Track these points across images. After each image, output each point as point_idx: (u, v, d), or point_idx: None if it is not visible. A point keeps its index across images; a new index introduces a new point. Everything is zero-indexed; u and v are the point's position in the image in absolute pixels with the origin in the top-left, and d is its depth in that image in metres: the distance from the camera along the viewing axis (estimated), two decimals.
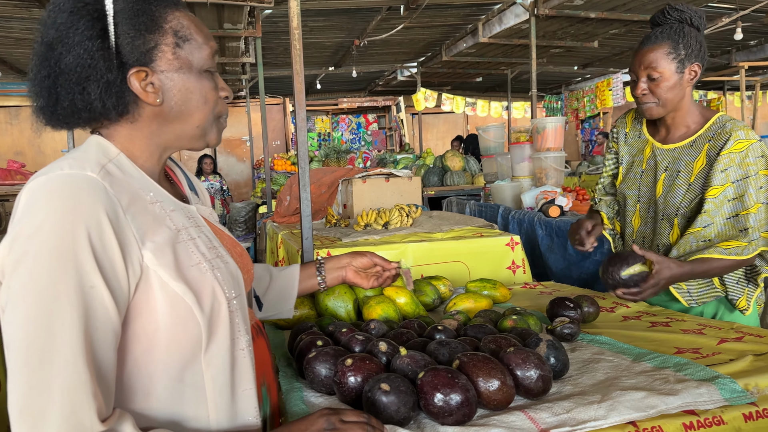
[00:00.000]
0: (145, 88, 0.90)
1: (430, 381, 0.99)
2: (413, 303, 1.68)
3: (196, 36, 0.94)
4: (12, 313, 0.76)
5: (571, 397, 1.08)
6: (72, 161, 0.84)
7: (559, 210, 3.33)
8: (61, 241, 0.76)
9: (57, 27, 0.87)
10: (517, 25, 6.50)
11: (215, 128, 1.00)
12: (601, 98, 8.72)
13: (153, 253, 0.85)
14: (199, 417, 0.89)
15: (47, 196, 0.79)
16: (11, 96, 10.79)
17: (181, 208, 0.96)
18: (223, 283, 0.92)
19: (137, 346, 0.85)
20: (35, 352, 0.74)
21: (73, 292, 0.76)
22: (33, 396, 0.72)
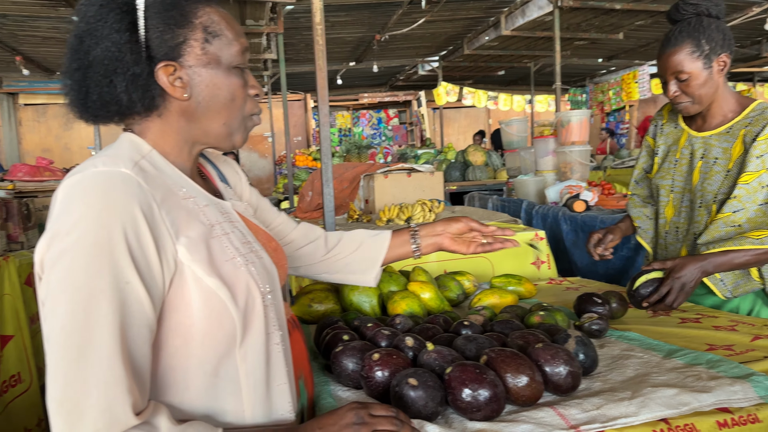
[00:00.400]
0: (173, 83, 0.90)
1: (458, 376, 0.99)
2: (438, 298, 1.67)
3: (227, 32, 0.93)
4: (50, 309, 0.77)
5: (600, 394, 1.07)
6: (106, 158, 0.84)
7: (584, 205, 3.28)
8: (96, 238, 0.77)
9: (87, 20, 0.88)
10: (541, 18, 6.41)
11: (243, 128, 0.98)
12: (627, 91, 8.57)
13: (187, 248, 0.85)
14: (235, 411, 0.89)
15: (83, 193, 0.80)
16: (38, 94, 11.00)
17: (215, 203, 0.96)
18: (258, 278, 0.92)
19: (173, 340, 0.86)
20: (72, 348, 0.75)
21: (108, 288, 0.77)
22: (70, 390, 0.74)
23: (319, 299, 1.70)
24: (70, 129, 11.46)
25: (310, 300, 1.69)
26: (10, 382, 2.65)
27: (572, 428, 0.95)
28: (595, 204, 3.42)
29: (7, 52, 7.45)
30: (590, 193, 3.37)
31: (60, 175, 3.93)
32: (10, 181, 3.71)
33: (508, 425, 0.96)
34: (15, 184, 3.64)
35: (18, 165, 3.82)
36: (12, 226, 3.10)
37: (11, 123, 11.16)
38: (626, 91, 8.62)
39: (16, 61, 7.74)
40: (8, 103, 11.06)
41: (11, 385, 2.65)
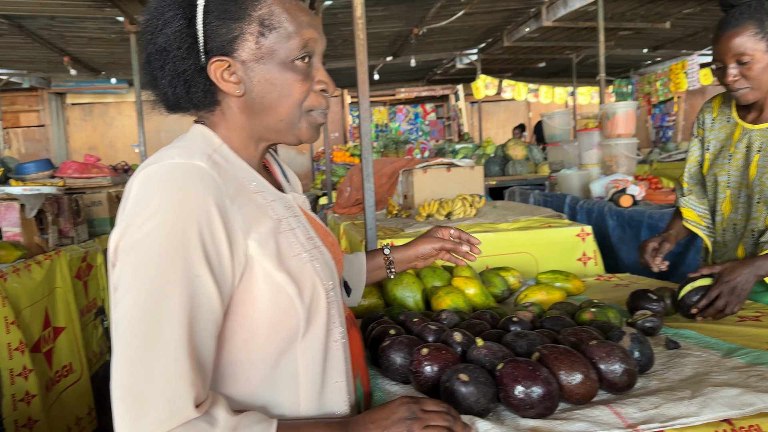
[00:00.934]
0: (228, 78, 0.89)
1: (510, 372, 0.96)
2: (483, 294, 1.65)
3: (287, 24, 0.89)
4: (121, 297, 0.78)
5: (658, 393, 1.04)
6: (181, 150, 0.84)
7: (631, 199, 3.19)
8: (171, 230, 0.78)
9: (150, 13, 0.89)
10: (584, 8, 6.27)
11: (305, 123, 0.94)
12: (675, 82, 8.29)
13: (258, 243, 0.85)
14: (291, 404, 0.89)
15: (160, 185, 0.80)
16: (85, 94, 11.35)
17: (280, 197, 0.96)
18: (321, 273, 0.92)
19: (239, 335, 0.86)
20: (140, 337, 0.75)
21: (179, 281, 0.77)
22: (135, 379, 0.74)
23: (363, 294, 1.69)
24: (115, 127, 11.79)
25: None
26: (62, 372, 2.73)
27: (630, 427, 0.92)
28: (642, 198, 3.32)
29: (56, 53, 7.70)
30: (637, 187, 3.27)
31: (106, 171, 4.03)
32: (61, 178, 3.83)
33: (562, 423, 0.94)
34: (65, 181, 3.76)
35: (67, 162, 3.94)
36: (63, 222, 3.20)
37: (59, 122, 11.55)
38: (674, 82, 8.34)
39: (64, 61, 7.99)
40: (57, 102, 11.44)
41: (63, 374, 2.74)
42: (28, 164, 3.98)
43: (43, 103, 11.15)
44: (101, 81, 10.24)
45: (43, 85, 10.43)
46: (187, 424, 0.74)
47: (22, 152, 11.20)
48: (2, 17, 6.00)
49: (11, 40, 6.99)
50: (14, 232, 2.72)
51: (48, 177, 3.90)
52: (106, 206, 3.74)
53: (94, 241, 3.40)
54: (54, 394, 2.61)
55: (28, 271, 2.51)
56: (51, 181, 3.72)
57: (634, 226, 3.07)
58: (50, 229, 3.01)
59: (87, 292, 3.19)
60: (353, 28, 2.35)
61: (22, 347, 2.32)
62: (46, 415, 2.45)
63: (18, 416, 2.30)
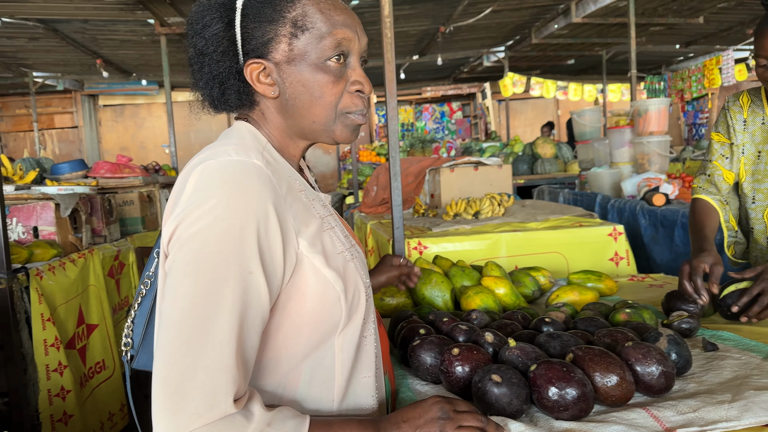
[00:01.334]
0: (263, 80, 0.90)
1: (543, 374, 0.95)
2: (513, 294, 1.63)
3: (320, 24, 0.88)
4: (172, 289, 0.78)
5: (696, 396, 1.01)
6: (237, 147, 0.85)
7: (664, 198, 3.12)
8: (231, 226, 0.78)
9: (192, 16, 0.91)
10: (614, 3, 6.16)
11: (339, 124, 0.93)
12: (709, 78, 8.08)
13: (307, 241, 0.86)
14: (326, 397, 0.91)
15: (219, 180, 0.81)
16: (116, 95, 11.58)
17: (317, 196, 0.97)
18: (361, 270, 0.94)
19: (283, 330, 0.87)
20: (188, 329, 0.76)
21: (234, 276, 0.78)
22: (178, 369, 0.75)
23: (391, 293, 1.69)
24: (145, 128, 12.00)
25: (383, 293, 1.69)
26: (96, 368, 2.79)
27: (668, 431, 0.89)
28: (675, 197, 3.25)
29: (89, 55, 7.87)
30: (670, 185, 3.20)
31: (138, 172, 4.10)
32: (94, 178, 3.91)
33: (597, 426, 0.92)
34: (98, 181, 3.83)
35: (100, 162, 4.01)
36: (96, 221, 3.26)
37: (92, 123, 11.80)
38: (708, 78, 8.13)
39: (97, 64, 8.16)
40: (89, 104, 11.69)
41: (96, 371, 2.79)
42: (63, 165, 4.06)
43: (76, 105, 11.41)
44: (132, 83, 10.44)
45: (77, 88, 10.67)
46: (224, 419, 0.74)
47: (56, 153, 11.48)
48: (38, 21, 6.15)
49: (46, 43, 7.17)
50: (49, 231, 2.78)
51: (81, 177, 3.98)
52: (137, 206, 3.81)
53: (126, 240, 3.46)
54: (87, 390, 2.66)
55: (62, 269, 2.57)
56: (84, 181, 3.80)
57: (667, 225, 3.00)
58: (84, 228, 3.07)
59: (119, 290, 3.25)
60: (380, 27, 2.35)
61: (57, 343, 2.37)
62: (80, 410, 2.50)
63: (53, 411, 2.36)
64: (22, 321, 2.28)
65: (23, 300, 2.29)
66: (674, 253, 2.95)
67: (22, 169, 3.62)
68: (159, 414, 0.74)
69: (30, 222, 2.77)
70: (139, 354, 1.00)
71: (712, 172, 1.81)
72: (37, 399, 2.32)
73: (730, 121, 1.76)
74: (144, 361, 1.00)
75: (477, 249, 2.45)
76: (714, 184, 1.81)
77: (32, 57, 8.00)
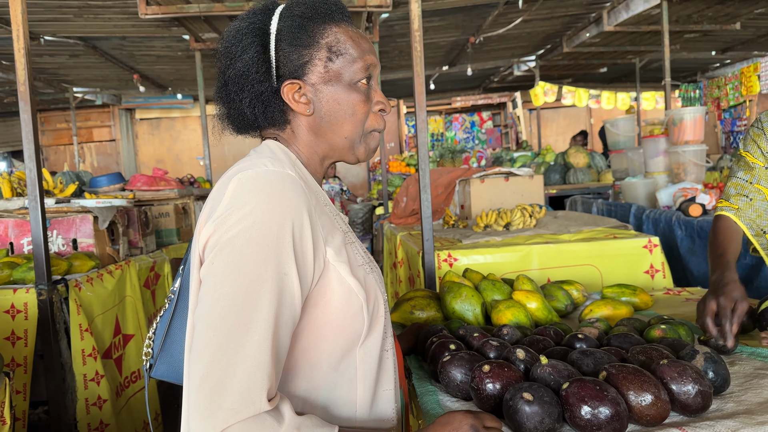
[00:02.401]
0: (298, 99, 0.97)
1: (576, 392, 0.93)
2: (545, 309, 1.61)
3: (352, 50, 0.98)
4: (212, 289, 0.82)
5: (735, 416, 0.98)
6: (272, 160, 0.92)
7: (701, 208, 3.05)
8: (269, 229, 0.83)
9: (227, 41, 0.98)
10: (647, 11, 6.06)
11: (364, 143, 1.03)
12: (747, 85, 7.89)
13: (334, 250, 0.91)
14: (348, 406, 0.93)
15: (258, 187, 0.86)
16: (152, 109, 11.85)
17: (338, 213, 1.03)
18: (379, 284, 0.98)
19: (307, 335, 0.90)
20: (228, 327, 0.79)
21: (271, 277, 0.82)
22: (218, 367, 0.77)
23: (420, 306, 1.68)
24: (181, 141, 12.25)
25: (412, 307, 1.68)
26: (131, 378, 2.85)
27: None
28: (712, 207, 3.17)
29: (126, 71, 8.09)
30: (707, 195, 3.12)
31: (174, 184, 4.19)
32: (131, 190, 4.01)
33: None
34: (135, 194, 3.93)
35: (137, 176, 4.11)
36: (132, 233, 3.34)
37: (129, 136, 12.10)
38: (746, 86, 7.94)
39: (134, 79, 8.39)
40: (126, 118, 12.00)
41: (132, 381, 2.85)
42: (101, 178, 4.18)
43: (114, 119, 11.72)
44: (168, 97, 10.70)
45: (114, 102, 10.97)
46: (258, 417, 0.77)
47: (94, 166, 11.80)
48: (78, 39, 6.36)
49: (86, 60, 7.40)
50: (88, 243, 2.86)
51: (119, 190, 4.09)
52: (173, 217, 3.89)
53: (162, 252, 3.54)
54: (123, 399, 2.71)
55: (100, 280, 2.63)
56: (122, 193, 3.89)
57: (705, 236, 2.93)
58: (121, 240, 3.15)
59: (155, 300, 3.32)
60: (410, 40, 2.36)
61: (94, 353, 2.43)
62: (116, 419, 2.55)
63: (90, 419, 2.41)
64: (61, 331, 2.34)
65: (62, 311, 2.35)
66: None
67: (62, 183, 3.73)
68: (196, 411, 0.77)
69: (69, 234, 2.85)
70: (158, 364, 1.05)
71: (754, 196, 1.68)
72: (75, 408, 2.37)
73: (763, 131, 1.67)
74: (162, 371, 1.05)
75: (508, 261, 2.43)
76: (752, 200, 1.68)
77: (72, 73, 8.27)
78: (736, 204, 1.68)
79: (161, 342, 1.05)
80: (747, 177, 1.69)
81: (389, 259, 3.84)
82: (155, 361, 1.06)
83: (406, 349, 1.45)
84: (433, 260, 2.31)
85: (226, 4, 4.16)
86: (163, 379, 1.05)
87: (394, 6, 5.29)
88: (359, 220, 7.07)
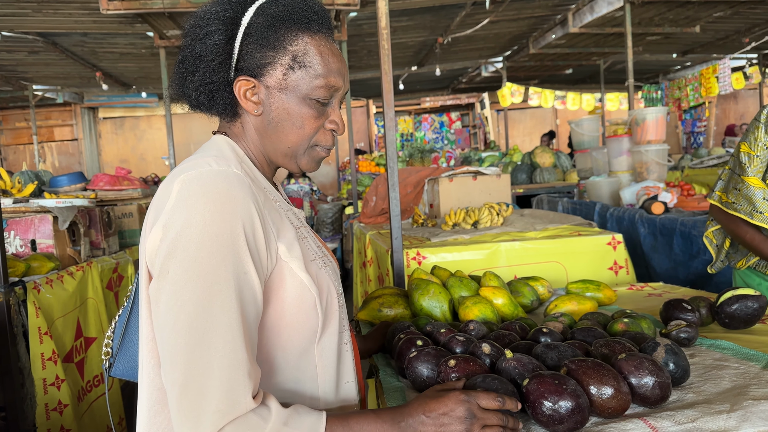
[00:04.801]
0: (250, 98, 0.95)
1: (536, 389, 0.94)
2: (511, 304, 1.62)
3: (318, 66, 0.94)
4: (172, 297, 0.80)
5: (694, 406, 1.00)
6: (217, 159, 0.89)
7: (663, 206, 3.12)
8: (221, 230, 0.81)
9: (196, 20, 0.95)
10: (611, 13, 6.19)
11: (308, 155, 1.00)
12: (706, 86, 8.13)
13: (285, 246, 0.90)
14: (311, 402, 0.94)
15: (203, 189, 0.84)
16: (116, 108, 11.61)
17: (290, 209, 1.01)
18: (333, 279, 0.98)
19: (263, 332, 0.90)
20: (197, 332, 0.78)
21: (231, 277, 0.81)
22: (194, 373, 0.76)
23: (389, 304, 1.68)
24: (145, 140, 12.03)
25: (380, 305, 1.68)
26: (93, 382, 2.78)
27: None
28: (674, 206, 3.25)
29: (88, 68, 7.90)
30: (669, 194, 3.20)
31: (137, 184, 4.11)
32: (93, 190, 3.91)
33: None
34: (97, 194, 3.83)
35: (99, 175, 4.02)
36: (94, 233, 3.26)
37: (92, 136, 11.83)
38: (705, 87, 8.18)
39: (97, 76, 8.20)
40: (89, 117, 11.73)
41: (94, 384, 2.78)
42: (61, 177, 4.07)
43: (76, 118, 11.44)
44: (132, 95, 10.49)
45: (76, 100, 10.71)
46: (244, 417, 0.76)
47: (55, 166, 11.49)
48: (38, 35, 6.18)
49: (46, 57, 7.20)
50: (47, 243, 2.78)
51: (80, 189, 3.98)
52: (136, 218, 3.81)
53: (125, 252, 3.46)
54: (85, 404, 2.65)
55: (60, 282, 2.56)
56: (83, 193, 3.80)
57: (667, 234, 3.00)
58: (82, 240, 3.07)
59: (118, 302, 3.24)
60: (378, 39, 2.36)
61: (54, 357, 2.36)
62: (78, 424, 2.48)
63: (50, 425, 2.34)
64: (19, 335, 2.27)
65: (20, 314, 2.28)
66: (673, 262, 2.95)
67: (20, 182, 3.62)
68: (182, 421, 0.75)
69: (28, 235, 2.77)
70: (117, 363, 1.04)
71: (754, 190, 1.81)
72: (35, 413, 2.30)
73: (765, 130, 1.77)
74: (121, 370, 1.04)
75: (476, 259, 2.45)
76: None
77: (32, 70, 8.04)
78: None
79: (119, 341, 1.03)
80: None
81: (359, 258, 3.83)
82: (114, 360, 1.04)
83: (375, 348, 1.44)
84: (402, 258, 2.31)
85: (191, 0, 4.10)
86: (123, 377, 1.04)
87: (362, 5, 5.29)
88: (329, 219, 7.04)
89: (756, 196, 1.79)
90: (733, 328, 1.44)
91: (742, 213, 1.83)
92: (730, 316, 1.42)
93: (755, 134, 1.82)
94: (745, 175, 1.82)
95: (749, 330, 1.45)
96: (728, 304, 1.42)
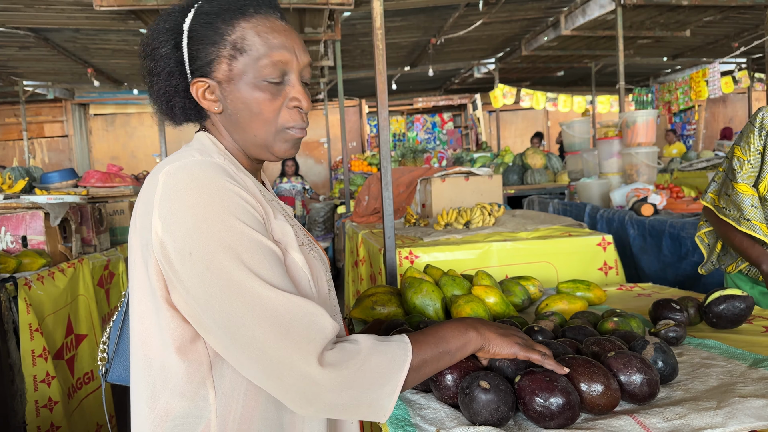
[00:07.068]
0: (208, 98, 0.96)
1: (527, 385, 0.96)
2: (503, 303, 1.64)
3: (259, 46, 0.93)
4: (206, 273, 0.82)
5: (682, 403, 1.02)
6: (200, 151, 0.92)
7: (652, 208, 3.16)
8: (219, 213, 0.84)
9: (148, 36, 0.98)
10: (602, 16, 6.24)
11: (280, 140, 0.98)
12: (696, 90, 8.21)
13: (278, 228, 0.93)
14: None
15: (190, 176, 0.86)
16: (107, 104, 11.54)
17: (275, 199, 1.04)
18: (321, 264, 1.00)
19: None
20: (242, 291, 0.82)
21: (246, 237, 0.85)
22: (267, 325, 0.81)
23: (382, 302, 1.69)
24: (136, 137, 11.97)
25: (373, 303, 1.69)
26: (84, 379, 2.77)
27: None
28: (663, 207, 3.28)
29: (80, 64, 7.85)
30: (658, 196, 3.23)
31: (128, 180, 4.09)
32: (84, 187, 3.89)
33: None
34: (88, 190, 3.82)
35: (91, 172, 4.00)
36: (86, 230, 3.25)
37: (83, 132, 11.74)
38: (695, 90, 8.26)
39: (88, 73, 8.14)
40: (80, 113, 11.64)
41: (84, 382, 2.77)
42: (52, 174, 4.05)
43: (66, 114, 11.36)
44: (123, 92, 10.42)
45: (67, 97, 10.63)
46: (341, 345, 0.83)
47: (46, 162, 11.40)
48: (29, 30, 6.14)
49: (37, 52, 7.14)
50: (39, 240, 2.77)
51: (72, 186, 3.96)
52: (128, 215, 3.80)
53: (116, 250, 3.45)
54: (75, 401, 2.64)
55: (51, 278, 2.55)
56: (74, 190, 3.78)
57: (656, 235, 3.03)
58: (73, 237, 3.06)
59: (109, 300, 3.23)
60: (372, 39, 2.37)
61: (45, 354, 2.35)
62: (68, 421, 2.48)
63: (40, 422, 2.34)
64: (9, 331, 2.26)
65: (11, 310, 2.27)
66: (662, 263, 2.98)
67: (11, 178, 3.60)
68: (281, 367, 0.80)
69: (19, 231, 2.75)
70: (113, 368, 1.04)
71: (747, 196, 1.83)
72: (24, 410, 2.29)
73: (761, 133, 1.79)
74: (117, 375, 1.05)
75: (468, 258, 2.47)
76: (756, 204, 1.82)
77: (23, 66, 7.98)
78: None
79: (115, 346, 1.03)
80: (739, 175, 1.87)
81: (351, 257, 3.84)
82: (110, 365, 1.05)
83: None
84: (395, 258, 2.32)
85: None
86: (120, 383, 1.03)
87: (357, 5, 5.29)
88: (321, 218, 7.04)
89: (744, 203, 1.82)
90: (720, 328, 1.46)
91: (730, 219, 1.85)
92: (718, 316, 1.44)
93: (748, 138, 1.84)
94: (735, 181, 1.85)
95: (736, 330, 1.48)
96: (716, 304, 1.44)
